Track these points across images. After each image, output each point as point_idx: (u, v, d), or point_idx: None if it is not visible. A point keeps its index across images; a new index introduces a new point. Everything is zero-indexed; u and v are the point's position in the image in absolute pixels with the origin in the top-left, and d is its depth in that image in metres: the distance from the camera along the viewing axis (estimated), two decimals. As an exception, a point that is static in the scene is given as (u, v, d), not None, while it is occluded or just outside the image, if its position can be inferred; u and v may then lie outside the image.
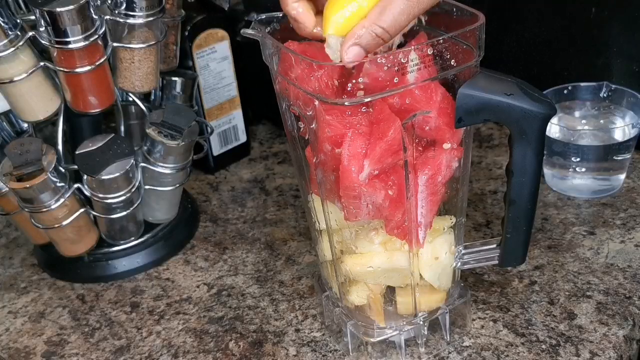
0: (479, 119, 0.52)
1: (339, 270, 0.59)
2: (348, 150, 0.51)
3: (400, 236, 0.55)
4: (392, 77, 0.48)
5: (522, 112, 0.50)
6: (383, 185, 0.52)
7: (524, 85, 0.51)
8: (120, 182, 0.70)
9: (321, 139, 0.52)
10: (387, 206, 0.53)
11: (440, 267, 0.58)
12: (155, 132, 0.72)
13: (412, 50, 0.48)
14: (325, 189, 0.55)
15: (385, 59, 0.47)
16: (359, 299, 0.59)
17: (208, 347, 0.66)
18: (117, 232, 0.76)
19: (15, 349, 0.69)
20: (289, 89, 0.54)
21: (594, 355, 0.59)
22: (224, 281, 0.74)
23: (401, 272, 0.57)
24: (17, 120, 0.76)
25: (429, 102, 0.51)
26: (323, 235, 0.60)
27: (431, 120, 0.51)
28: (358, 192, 0.52)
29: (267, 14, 0.56)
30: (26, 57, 0.65)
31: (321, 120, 0.51)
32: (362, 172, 0.51)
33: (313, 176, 0.57)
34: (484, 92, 0.50)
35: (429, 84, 0.50)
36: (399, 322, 0.60)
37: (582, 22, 0.86)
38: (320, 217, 0.58)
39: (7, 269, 0.81)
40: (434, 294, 0.60)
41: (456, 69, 0.50)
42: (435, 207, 0.56)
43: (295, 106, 0.53)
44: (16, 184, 0.67)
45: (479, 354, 0.61)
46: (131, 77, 0.72)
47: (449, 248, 0.58)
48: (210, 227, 0.84)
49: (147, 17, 0.68)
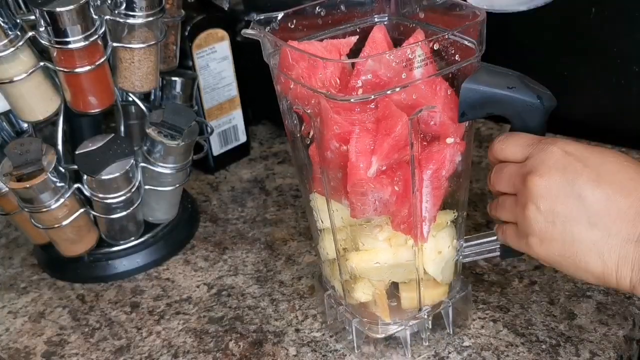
0: (481, 113, 0.53)
1: (344, 268, 0.59)
2: (355, 147, 0.51)
3: (406, 231, 0.56)
4: (400, 73, 0.49)
5: (525, 105, 0.52)
6: (390, 181, 0.53)
7: (525, 79, 0.52)
8: (120, 182, 0.70)
9: (328, 137, 0.52)
10: (394, 202, 0.54)
11: (443, 261, 0.58)
12: (155, 132, 0.72)
13: (418, 46, 0.49)
14: (330, 187, 0.55)
15: (393, 55, 0.48)
16: (365, 296, 0.60)
17: (208, 347, 0.66)
18: (117, 232, 0.76)
19: (15, 349, 0.69)
20: (293, 88, 0.54)
21: (594, 355, 0.59)
22: (224, 281, 0.74)
23: (406, 267, 0.57)
24: (17, 120, 0.76)
25: (434, 97, 0.51)
26: (326, 234, 0.60)
27: (436, 115, 0.52)
28: (366, 189, 0.52)
29: (265, 14, 0.56)
30: (26, 57, 0.65)
31: (328, 118, 0.51)
32: (370, 168, 0.51)
33: (316, 174, 0.57)
34: (487, 86, 0.51)
35: (433, 79, 0.51)
36: (403, 317, 0.60)
37: (582, 22, 0.86)
38: (324, 216, 0.58)
39: (7, 269, 0.81)
40: (437, 288, 0.60)
41: (460, 63, 0.51)
42: (439, 202, 0.56)
43: (300, 105, 0.53)
44: (16, 184, 0.67)
45: (479, 354, 0.61)
46: (131, 77, 0.72)
47: (451, 242, 0.58)
48: (210, 227, 0.84)
49: (147, 17, 0.68)
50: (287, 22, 0.56)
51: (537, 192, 0.49)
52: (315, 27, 0.58)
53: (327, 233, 0.59)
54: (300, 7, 0.57)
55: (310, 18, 0.58)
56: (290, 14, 0.57)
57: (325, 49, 0.56)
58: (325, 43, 0.57)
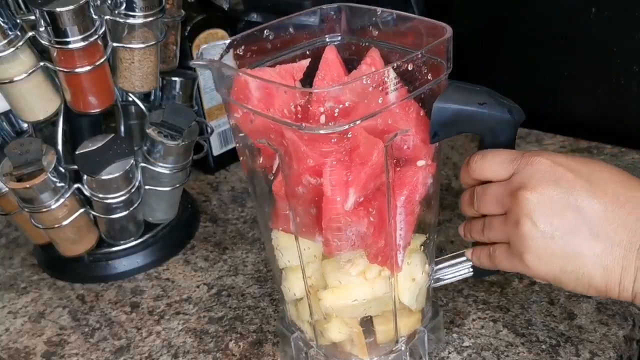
0: (453, 132, 0.51)
1: (315, 308, 0.55)
2: (330, 180, 0.48)
3: (382, 262, 0.52)
4: (376, 98, 0.46)
5: (496, 120, 0.50)
6: (366, 212, 0.50)
7: (493, 94, 0.51)
8: (120, 182, 0.70)
9: (300, 171, 0.48)
10: (371, 234, 0.51)
11: (417, 288, 0.56)
12: (155, 132, 0.72)
13: (389, 69, 0.46)
14: (301, 223, 0.51)
15: (370, 79, 0.45)
16: (340, 335, 0.56)
17: (208, 347, 0.66)
18: (117, 232, 0.76)
19: (15, 349, 0.69)
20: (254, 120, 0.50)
21: (594, 355, 0.59)
22: (224, 281, 0.74)
23: (381, 300, 0.54)
24: (17, 120, 0.76)
25: (408, 120, 0.49)
26: (290, 273, 0.56)
27: (409, 138, 0.50)
28: (343, 223, 0.49)
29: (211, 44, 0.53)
30: (26, 58, 0.65)
31: (299, 152, 0.47)
32: (348, 201, 0.48)
33: (280, 211, 0.53)
34: (458, 104, 0.50)
35: (406, 102, 0.49)
36: (381, 352, 0.57)
37: (582, 22, 0.86)
38: (290, 254, 0.54)
39: (7, 269, 0.81)
40: (411, 317, 0.58)
41: (431, 83, 0.49)
42: (412, 227, 0.54)
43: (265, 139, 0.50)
44: (16, 184, 0.67)
45: (479, 354, 0.61)
46: (131, 77, 0.72)
47: (423, 267, 0.56)
48: (210, 227, 0.84)
49: (146, 17, 0.68)
50: (236, 49, 0.53)
51: (531, 208, 0.47)
52: (265, 51, 0.55)
53: (292, 272, 0.55)
54: (248, 31, 0.54)
55: (259, 42, 0.55)
56: (238, 40, 0.54)
57: (279, 75, 0.53)
58: (278, 69, 0.54)
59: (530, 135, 0.92)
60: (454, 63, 0.50)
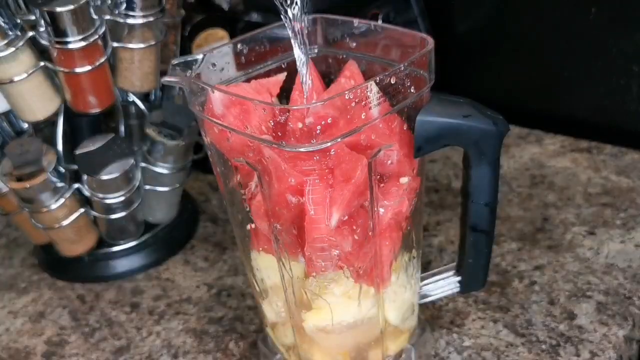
0: (438, 145, 0.50)
1: (298, 331, 0.53)
2: (312, 199, 0.46)
3: (369, 282, 0.50)
4: (359, 113, 0.45)
5: (481, 132, 0.49)
6: (350, 230, 0.48)
7: (476, 105, 0.50)
8: (120, 183, 0.70)
9: (281, 190, 0.46)
10: (355, 252, 0.49)
11: (404, 305, 0.54)
12: (155, 132, 0.72)
13: (372, 83, 0.45)
14: (283, 243, 0.49)
15: (352, 94, 0.44)
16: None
17: (208, 347, 0.66)
18: (117, 232, 0.76)
19: (15, 349, 0.69)
20: (231, 138, 0.48)
21: (594, 356, 0.59)
22: (224, 281, 0.74)
23: (369, 322, 0.52)
24: (17, 120, 0.76)
25: (391, 135, 0.48)
26: (272, 294, 0.54)
27: (393, 153, 0.49)
28: (327, 243, 0.47)
29: (182, 58, 0.51)
30: (26, 58, 0.65)
31: (280, 170, 0.46)
32: (331, 220, 0.47)
33: (259, 231, 0.51)
34: (442, 117, 0.48)
35: (389, 116, 0.47)
36: None
37: (582, 22, 0.86)
38: (271, 274, 0.52)
39: (7, 269, 0.81)
40: (400, 336, 0.56)
41: (414, 96, 0.48)
42: (399, 243, 0.52)
43: (242, 157, 0.48)
44: (16, 184, 0.67)
45: (479, 354, 0.61)
46: (131, 77, 0.72)
47: (409, 284, 0.54)
48: (210, 227, 0.84)
49: (146, 17, 0.68)
50: (209, 64, 0.52)
51: None
52: (239, 66, 0.54)
53: (274, 293, 0.53)
54: (221, 44, 0.53)
55: (234, 57, 0.53)
56: (213, 55, 0.52)
57: (255, 90, 0.51)
58: (254, 84, 0.52)
59: (530, 135, 0.92)
60: (436, 73, 0.49)
